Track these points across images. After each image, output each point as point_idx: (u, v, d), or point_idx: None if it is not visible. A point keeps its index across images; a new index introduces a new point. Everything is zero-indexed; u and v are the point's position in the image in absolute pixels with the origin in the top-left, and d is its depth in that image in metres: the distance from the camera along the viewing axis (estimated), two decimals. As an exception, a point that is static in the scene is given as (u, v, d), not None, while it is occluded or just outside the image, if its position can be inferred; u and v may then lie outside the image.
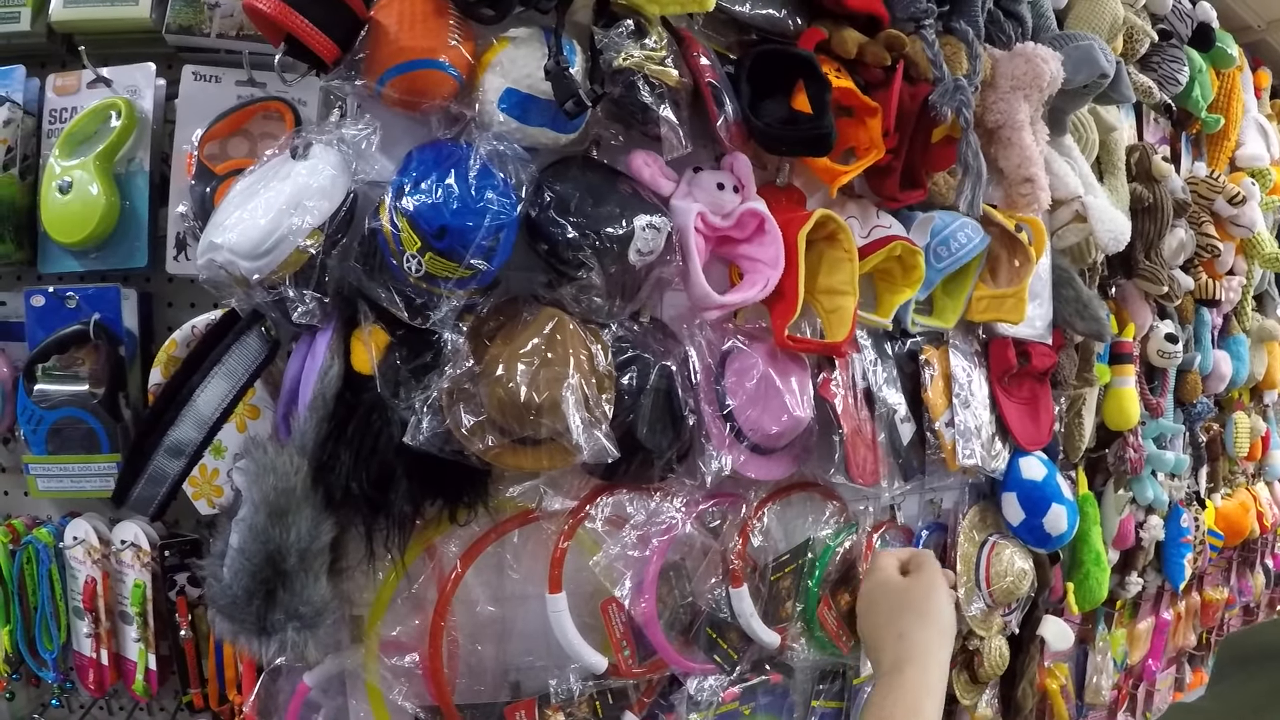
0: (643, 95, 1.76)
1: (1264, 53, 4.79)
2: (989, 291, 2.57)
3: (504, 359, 1.63)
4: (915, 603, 1.81)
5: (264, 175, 1.63)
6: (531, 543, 1.91)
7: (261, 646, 1.60)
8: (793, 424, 2.05)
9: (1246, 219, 3.84)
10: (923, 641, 1.72)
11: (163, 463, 1.70)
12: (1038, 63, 2.50)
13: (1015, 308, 2.54)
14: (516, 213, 1.64)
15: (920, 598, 1.81)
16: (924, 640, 1.73)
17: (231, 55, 1.91)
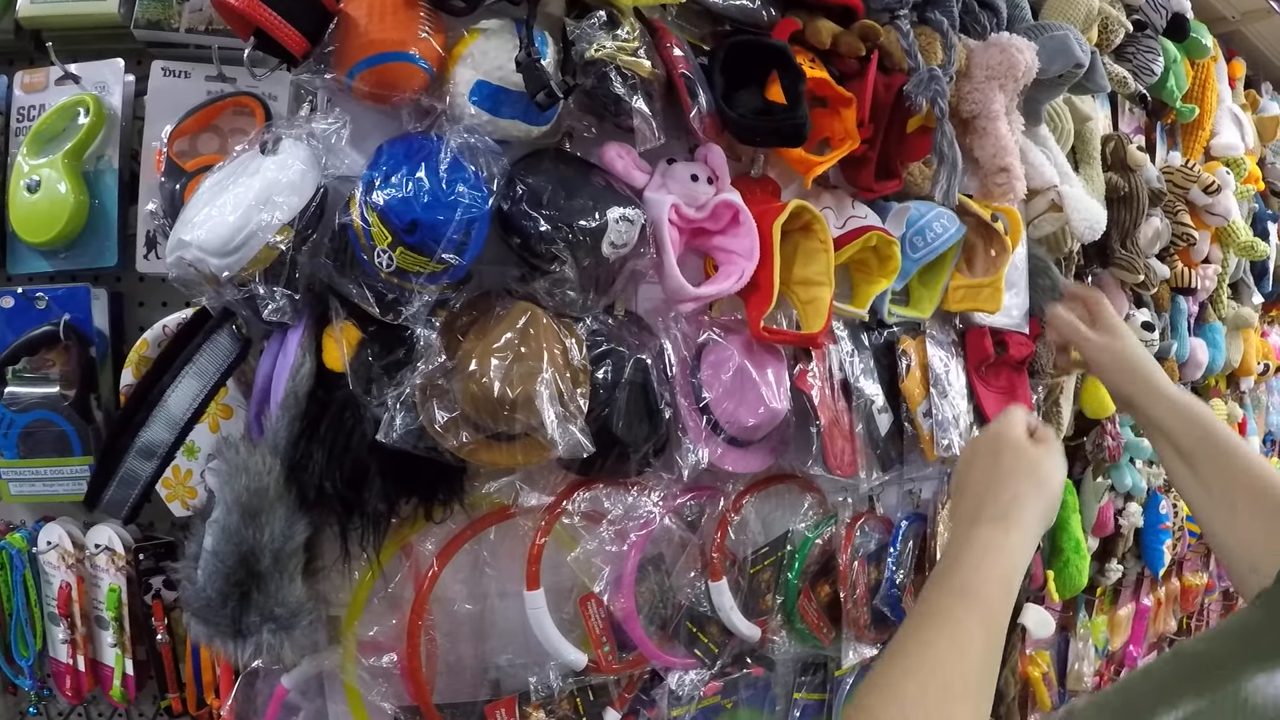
0: (615, 87, 1.75)
1: (1238, 43, 4.80)
2: (966, 281, 2.57)
3: (477, 354, 1.62)
4: (1040, 474, 1.67)
5: (233, 171, 1.62)
6: (508, 539, 1.90)
7: (237, 649, 1.59)
8: (769, 416, 2.05)
9: (1221, 208, 3.85)
10: (1033, 515, 1.60)
11: (135, 465, 1.68)
12: (1013, 52, 2.50)
13: (992, 297, 2.55)
14: (488, 206, 1.63)
15: (1047, 473, 1.69)
16: (1035, 514, 1.60)
17: (201, 50, 1.90)
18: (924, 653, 1.28)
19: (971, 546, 1.52)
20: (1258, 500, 1.78)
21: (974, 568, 1.46)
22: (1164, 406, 2.07)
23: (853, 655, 2.40)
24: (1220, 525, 1.85)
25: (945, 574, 1.48)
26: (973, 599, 1.38)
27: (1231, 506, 1.83)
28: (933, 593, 1.44)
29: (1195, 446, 1.94)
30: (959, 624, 1.33)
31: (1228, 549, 1.82)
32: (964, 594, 1.39)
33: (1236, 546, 1.79)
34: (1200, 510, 1.92)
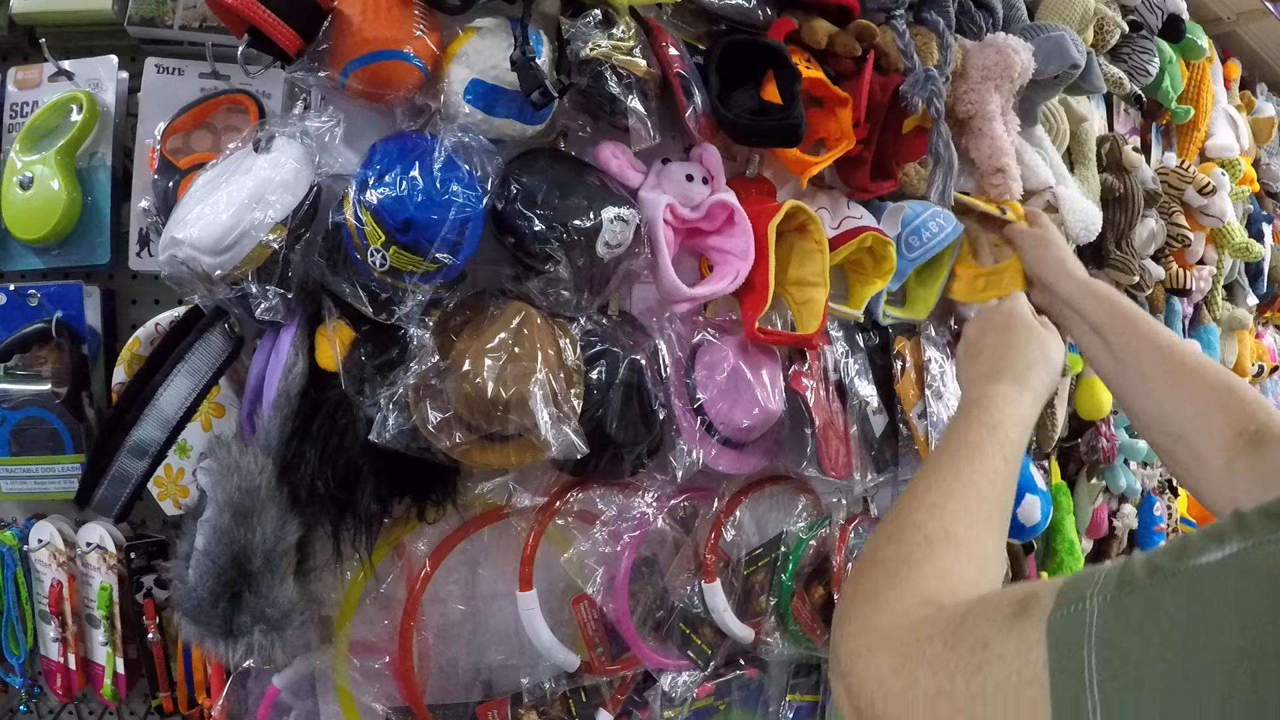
0: (610, 86, 1.76)
1: (1233, 44, 4.80)
2: (982, 270, 2.56)
3: (470, 354, 1.62)
4: (1049, 350, 1.83)
5: (226, 169, 1.62)
6: (502, 540, 1.90)
7: (228, 649, 1.58)
8: (764, 417, 2.04)
9: (1216, 209, 3.84)
10: (1042, 384, 1.75)
11: (126, 463, 1.68)
12: (1009, 53, 2.50)
13: (1014, 279, 2.52)
14: (482, 205, 1.63)
15: (1054, 352, 1.84)
16: (1044, 384, 1.75)
17: (195, 47, 1.89)
18: (960, 478, 1.38)
19: (993, 398, 1.63)
20: (1164, 363, 1.86)
21: (999, 411, 1.58)
22: (1074, 285, 2.21)
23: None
24: (1137, 396, 1.92)
25: (972, 416, 1.58)
26: (1000, 437, 1.50)
27: (1141, 373, 1.90)
28: (961, 430, 1.54)
29: (1105, 320, 2.04)
30: (988, 458, 1.43)
31: (1147, 419, 1.88)
32: (993, 430, 1.51)
33: (1154, 414, 1.85)
34: (1117, 386, 2.01)
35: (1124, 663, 0.75)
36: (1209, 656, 0.71)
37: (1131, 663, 0.75)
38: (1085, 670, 0.76)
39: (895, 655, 0.99)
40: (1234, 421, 1.66)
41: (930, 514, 1.29)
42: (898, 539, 1.27)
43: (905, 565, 1.20)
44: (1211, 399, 1.74)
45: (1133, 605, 0.78)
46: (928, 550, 1.22)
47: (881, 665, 1.00)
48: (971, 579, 1.17)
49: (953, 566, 1.19)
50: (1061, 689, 0.78)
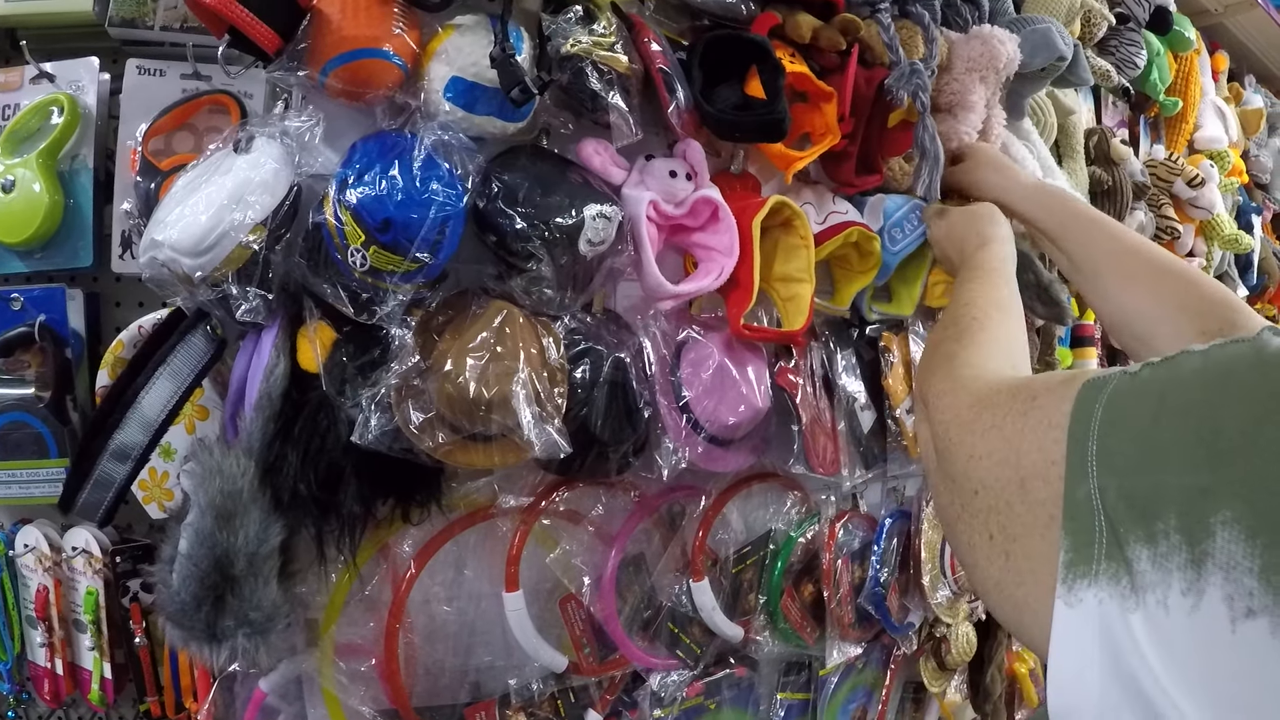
0: (591, 82, 1.75)
1: (1221, 36, 4.81)
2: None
3: (452, 354, 1.61)
4: (981, 212, 2.21)
5: (206, 170, 1.61)
6: (487, 540, 1.90)
7: (212, 653, 1.58)
8: (750, 414, 2.04)
9: (1205, 201, 3.85)
10: (997, 233, 2.09)
11: (109, 467, 1.67)
12: (994, 44, 2.49)
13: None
14: (462, 204, 1.62)
15: (984, 210, 2.21)
16: (997, 232, 2.09)
17: (176, 48, 1.88)
18: (987, 293, 1.76)
19: (976, 259, 1.98)
20: (1121, 264, 1.96)
21: (985, 263, 1.93)
22: (1022, 197, 2.31)
23: (837, 654, 2.40)
24: (1099, 300, 2.01)
25: (968, 276, 1.91)
26: (1002, 273, 1.89)
27: (1099, 275, 2.00)
28: (965, 279, 1.90)
29: (1059, 228, 2.15)
30: (999, 285, 1.83)
31: (1112, 322, 1.98)
32: (991, 272, 1.89)
33: (1117, 316, 1.95)
34: (1083, 293, 2.11)
35: (1120, 414, 0.91)
36: (1182, 392, 0.87)
37: (1128, 414, 0.90)
38: (1093, 419, 0.92)
39: (971, 396, 1.22)
40: (1197, 321, 1.75)
41: (972, 308, 1.65)
42: (956, 324, 1.59)
43: (969, 335, 1.53)
44: (1173, 299, 1.82)
45: (1140, 376, 0.92)
46: (981, 326, 1.56)
47: (960, 402, 1.23)
48: (1012, 350, 1.51)
49: (1001, 336, 1.55)
50: (1075, 432, 0.93)
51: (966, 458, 1.12)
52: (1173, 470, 0.81)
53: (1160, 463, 0.83)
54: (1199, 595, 0.76)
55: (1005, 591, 1.01)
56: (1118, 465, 0.87)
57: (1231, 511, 0.75)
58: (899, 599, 2.51)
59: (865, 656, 2.57)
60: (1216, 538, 0.75)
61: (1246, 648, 0.72)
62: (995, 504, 1.04)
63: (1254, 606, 0.72)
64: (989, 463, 1.07)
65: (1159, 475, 0.82)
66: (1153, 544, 0.80)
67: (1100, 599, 0.83)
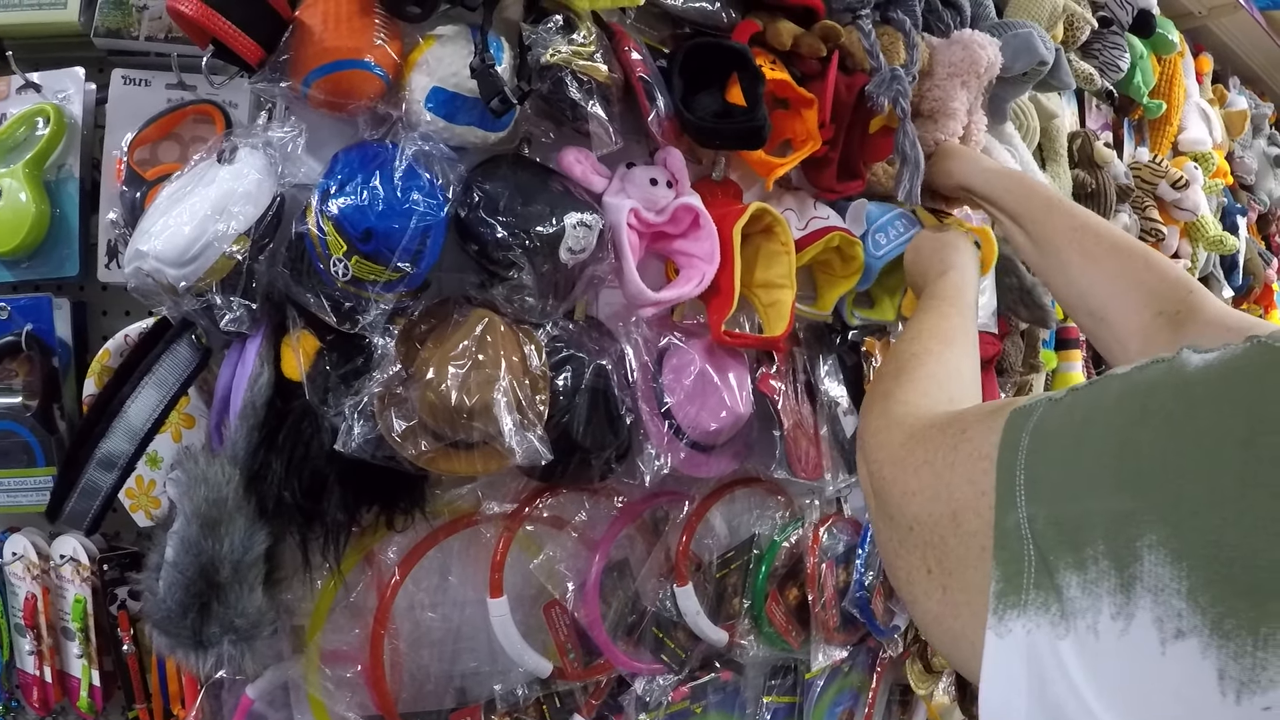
0: (571, 91, 1.75)
1: (1205, 38, 4.83)
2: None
3: (434, 362, 1.62)
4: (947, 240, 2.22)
5: (190, 181, 1.62)
6: (472, 547, 1.91)
7: (199, 660, 1.58)
8: (732, 420, 2.04)
9: (1190, 203, 3.87)
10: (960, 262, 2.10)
11: (95, 476, 1.68)
12: (974, 48, 2.49)
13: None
14: (444, 214, 1.63)
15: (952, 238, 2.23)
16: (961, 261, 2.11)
17: (161, 58, 1.88)
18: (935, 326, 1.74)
19: (936, 287, 1.98)
20: (1080, 243, 1.97)
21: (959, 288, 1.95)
22: (983, 179, 2.32)
23: (822, 658, 2.40)
24: (1057, 279, 2.03)
25: (927, 304, 1.91)
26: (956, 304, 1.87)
27: (1058, 254, 2.01)
28: (923, 309, 1.89)
29: (1020, 207, 2.15)
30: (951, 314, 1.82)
31: (1069, 302, 2.00)
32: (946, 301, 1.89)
33: (1074, 295, 1.97)
34: (1041, 272, 2.13)
35: (1046, 441, 0.92)
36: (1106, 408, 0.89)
37: (1053, 441, 0.92)
38: (1020, 447, 0.93)
39: (903, 433, 1.23)
40: (1153, 301, 1.77)
41: (915, 344, 1.64)
42: (896, 360, 1.59)
43: (906, 372, 1.51)
44: (1129, 278, 1.84)
45: (1065, 403, 0.94)
46: (920, 362, 1.56)
47: (893, 439, 1.24)
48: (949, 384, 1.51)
49: (938, 371, 1.53)
50: (1003, 461, 0.95)
51: (901, 494, 1.13)
52: (1098, 496, 0.83)
53: (1086, 488, 0.84)
54: (1129, 619, 0.77)
55: (944, 625, 1.02)
56: (1045, 493, 0.89)
57: (1156, 535, 0.76)
58: (884, 602, 2.51)
59: (851, 659, 2.57)
60: (1144, 561, 0.76)
61: (1177, 669, 0.73)
62: (930, 539, 1.05)
63: (1183, 628, 0.73)
64: (922, 498, 1.09)
65: (1085, 501, 0.84)
66: (1082, 570, 0.81)
67: (1029, 629, 0.85)
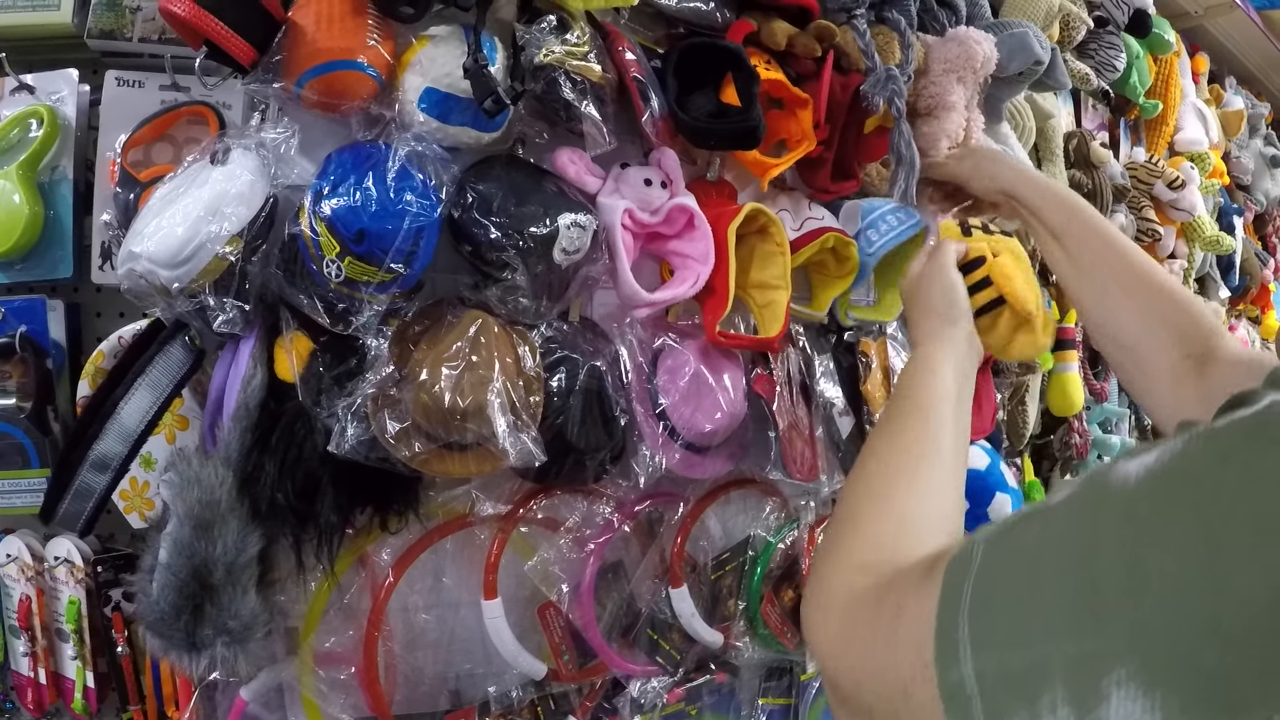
0: (565, 92, 1.75)
1: (1201, 38, 4.83)
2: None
3: (428, 363, 1.62)
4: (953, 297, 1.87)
5: (183, 182, 1.62)
6: (466, 548, 1.91)
7: (192, 662, 1.59)
8: (727, 421, 2.04)
9: (1186, 203, 3.86)
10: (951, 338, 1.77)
11: (89, 477, 1.67)
12: (970, 45, 2.49)
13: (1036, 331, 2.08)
14: (437, 214, 1.63)
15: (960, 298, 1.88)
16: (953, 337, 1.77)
17: (155, 59, 1.88)
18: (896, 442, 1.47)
19: (918, 361, 1.71)
20: (1120, 274, 1.89)
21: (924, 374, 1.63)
22: (1033, 185, 2.16)
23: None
24: (1092, 303, 1.94)
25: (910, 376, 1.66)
26: (930, 397, 1.55)
27: (1096, 281, 1.93)
28: (898, 396, 1.61)
29: (1062, 225, 2.02)
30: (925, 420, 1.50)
31: (1100, 328, 1.93)
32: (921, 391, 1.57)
33: (1108, 324, 1.90)
34: (1074, 292, 2.00)
35: (990, 589, 0.86)
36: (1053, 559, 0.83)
37: (997, 589, 0.86)
38: (962, 602, 0.87)
39: (839, 618, 1.12)
40: (1182, 343, 1.71)
41: (878, 464, 1.43)
42: (855, 490, 1.40)
43: (861, 516, 1.32)
44: (1163, 316, 1.78)
45: (1007, 542, 0.89)
46: (878, 500, 1.34)
47: (831, 625, 1.13)
48: (902, 536, 1.26)
49: (886, 529, 1.27)
50: (943, 622, 0.88)
51: (853, 683, 1.08)
52: (1054, 639, 0.79)
53: (1040, 633, 0.80)
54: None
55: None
56: (994, 644, 0.84)
57: (1125, 669, 0.72)
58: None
59: (847, 660, 2.56)
60: (1111, 701, 0.73)
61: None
62: (887, 717, 1.00)
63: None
64: (874, 682, 1.03)
65: (1040, 646, 0.80)
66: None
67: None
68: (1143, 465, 0.79)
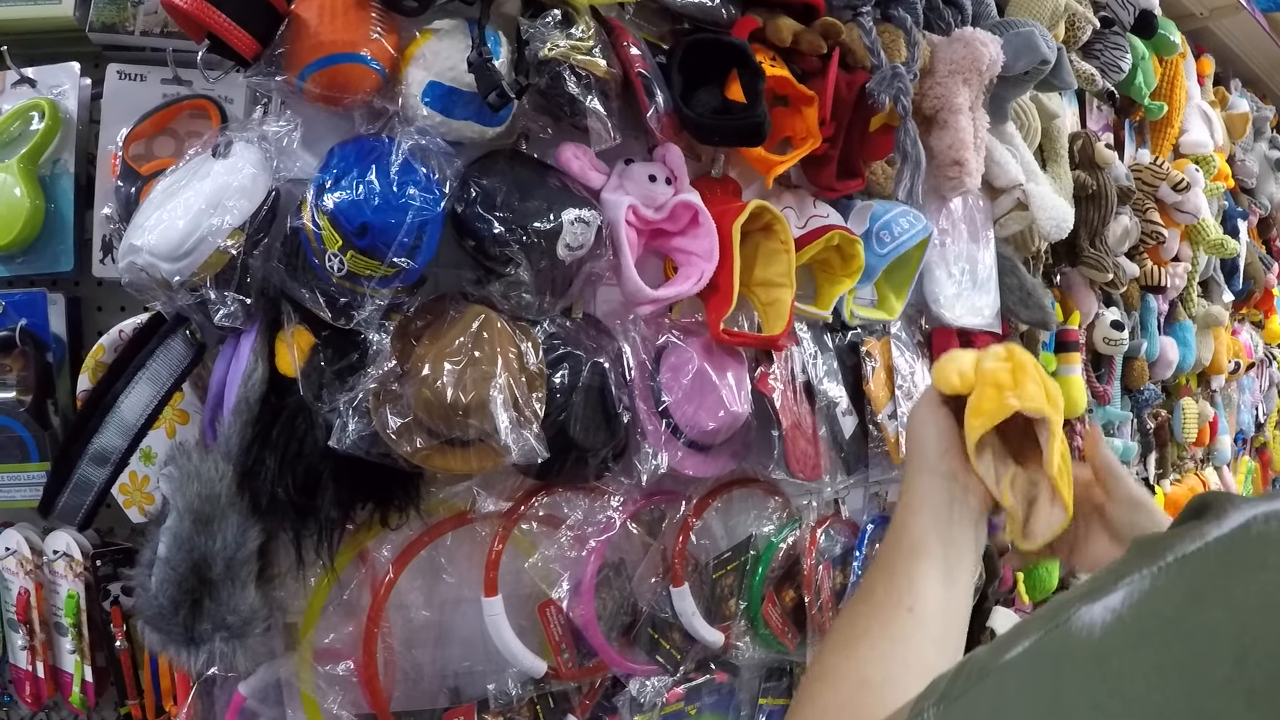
0: (569, 86, 1.74)
1: (1207, 40, 4.84)
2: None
3: (430, 359, 1.61)
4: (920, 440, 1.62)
5: (185, 175, 1.61)
6: (466, 545, 1.89)
7: (190, 657, 1.58)
8: (730, 420, 2.03)
9: (1191, 205, 3.86)
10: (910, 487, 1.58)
11: (88, 471, 1.67)
12: (976, 46, 2.49)
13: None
14: (440, 209, 1.62)
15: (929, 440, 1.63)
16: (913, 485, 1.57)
17: (156, 53, 1.88)
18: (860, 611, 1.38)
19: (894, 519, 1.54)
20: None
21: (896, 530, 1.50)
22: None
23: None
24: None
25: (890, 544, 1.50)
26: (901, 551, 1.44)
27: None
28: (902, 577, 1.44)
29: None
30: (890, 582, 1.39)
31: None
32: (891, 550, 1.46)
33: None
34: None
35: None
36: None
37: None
38: None
39: None
40: None
41: (833, 639, 1.37)
42: (816, 657, 1.39)
43: (817, 685, 1.29)
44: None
45: (961, 709, 0.80)
46: (829, 669, 1.30)
47: None
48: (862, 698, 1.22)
49: (844, 691, 1.24)
50: None
51: None
52: None
53: None
54: None
55: None
56: None
57: None
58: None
59: (847, 661, 2.56)
60: None
61: None
62: None
63: None
64: None
65: None
66: None
67: None
68: (1108, 610, 0.71)
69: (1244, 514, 0.70)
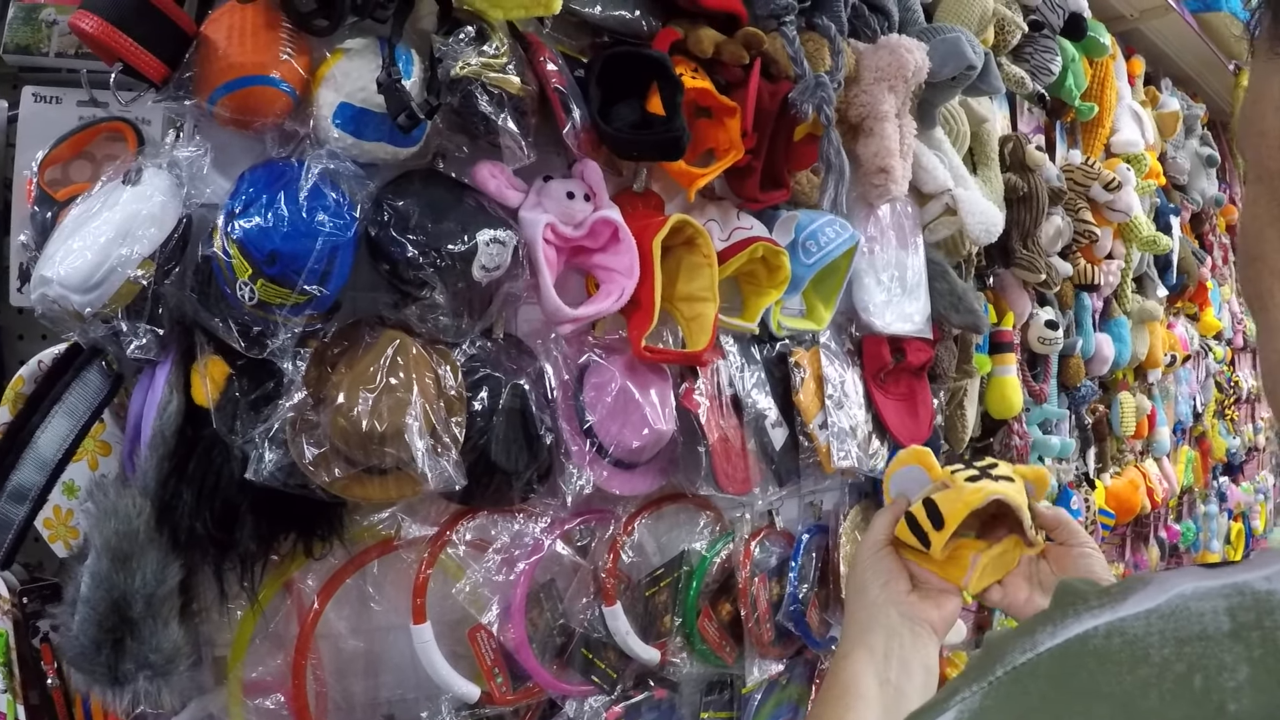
0: (481, 105, 1.73)
1: (1137, 41, 4.89)
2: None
3: (345, 386, 1.60)
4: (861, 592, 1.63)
5: (95, 203, 1.59)
6: (393, 572, 1.88)
7: (116, 697, 1.56)
8: (655, 437, 2.03)
9: (1123, 204, 3.89)
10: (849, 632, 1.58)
11: (6, 508, 1.65)
12: (901, 53, 2.49)
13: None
14: (351, 233, 1.61)
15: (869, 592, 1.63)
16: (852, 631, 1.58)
17: (73, 74, 1.85)
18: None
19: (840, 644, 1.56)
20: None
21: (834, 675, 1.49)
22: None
23: (757, 672, 2.39)
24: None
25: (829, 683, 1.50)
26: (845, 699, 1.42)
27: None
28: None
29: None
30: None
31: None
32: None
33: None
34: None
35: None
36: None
37: None
38: None
39: None
40: None
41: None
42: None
43: None
44: None
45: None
46: None
47: None
48: None
49: None
50: None
51: None
52: None
53: None
54: None
55: None
56: None
57: None
58: (819, 613, 2.51)
59: (788, 672, 2.56)
60: None
61: None
62: None
63: None
64: None
65: None
66: None
67: None
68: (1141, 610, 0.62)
69: (1084, 623, 0.64)
